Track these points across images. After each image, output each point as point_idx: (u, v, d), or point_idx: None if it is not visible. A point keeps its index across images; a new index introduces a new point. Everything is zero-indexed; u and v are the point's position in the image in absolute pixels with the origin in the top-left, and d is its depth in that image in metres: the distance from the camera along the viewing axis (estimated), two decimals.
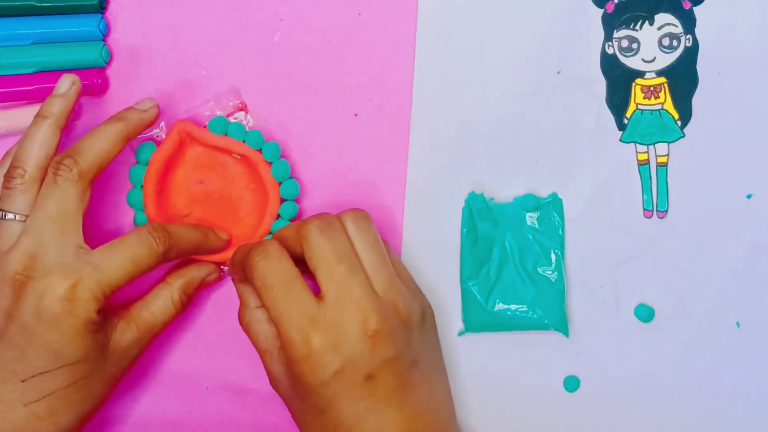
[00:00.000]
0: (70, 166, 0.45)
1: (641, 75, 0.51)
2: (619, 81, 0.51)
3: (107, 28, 0.52)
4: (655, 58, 0.51)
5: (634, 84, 0.51)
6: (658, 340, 0.51)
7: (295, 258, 0.45)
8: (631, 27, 0.51)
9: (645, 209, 0.51)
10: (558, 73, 0.52)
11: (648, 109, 0.51)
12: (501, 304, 0.51)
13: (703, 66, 0.51)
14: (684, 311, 0.51)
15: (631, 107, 0.51)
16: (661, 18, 0.51)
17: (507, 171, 0.52)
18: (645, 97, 0.51)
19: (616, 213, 0.51)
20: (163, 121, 0.51)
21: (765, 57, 0.51)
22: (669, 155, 0.51)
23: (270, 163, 0.50)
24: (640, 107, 0.51)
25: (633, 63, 0.51)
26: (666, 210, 0.51)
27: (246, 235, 0.50)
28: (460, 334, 0.51)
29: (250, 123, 0.52)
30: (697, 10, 0.51)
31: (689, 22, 0.51)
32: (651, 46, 0.51)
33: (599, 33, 0.51)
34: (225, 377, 0.52)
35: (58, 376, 0.44)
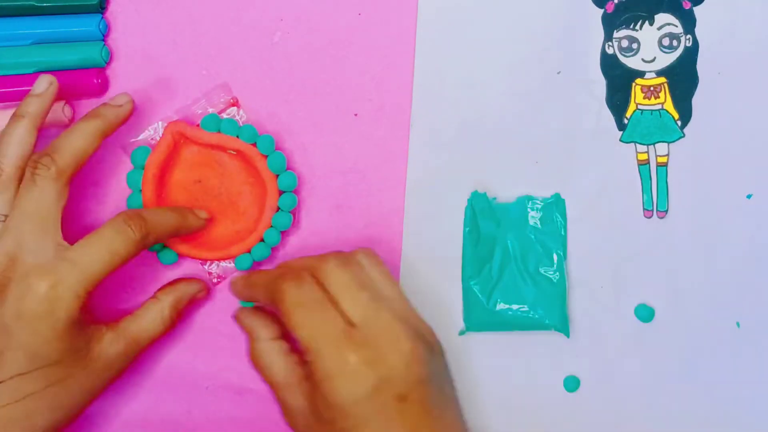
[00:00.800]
0: (47, 164, 0.45)
1: (641, 75, 0.51)
2: (619, 81, 0.51)
3: (107, 28, 0.52)
4: (655, 58, 0.51)
5: (634, 84, 0.51)
6: (658, 340, 0.51)
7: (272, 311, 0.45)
8: (631, 27, 0.51)
9: (645, 209, 0.51)
10: (558, 73, 0.52)
11: (648, 109, 0.51)
12: (502, 303, 0.51)
13: (703, 66, 0.51)
14: (684, 311, 0.51)
15: (631, 107, 0.51)
16: (661, 18, 0.51)
17: (507, 171, 0.52)
18: (645, 97, 0.51)
19: (616, 213, 0.51)
20: (160, 122, 0.51)
21: (765, 57, 0.51)
22: (669, 155, 0.51)
23: (266, 156, 0.50)
24: (640, 107, 0.51)
25: (633, 63, 0.51)
26: (666, 210, 0.51)
27: (248, 230, 0.50)
28: (461, 333, 0.51)
29: (242, 118, 0.52)
30: (697, 10, 0.51)
31: (689, 22, 0.51)
32: (651, 46, 0.51)
33: (599, 33, 0.52)
34: (225, 377, 0.52)
35: (35, 377, 0.43)
